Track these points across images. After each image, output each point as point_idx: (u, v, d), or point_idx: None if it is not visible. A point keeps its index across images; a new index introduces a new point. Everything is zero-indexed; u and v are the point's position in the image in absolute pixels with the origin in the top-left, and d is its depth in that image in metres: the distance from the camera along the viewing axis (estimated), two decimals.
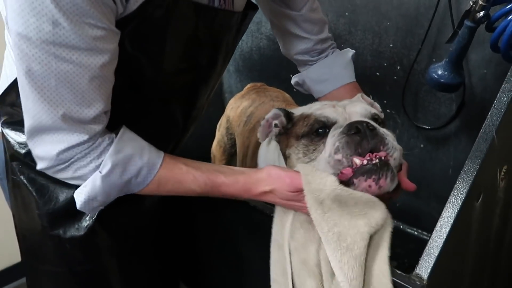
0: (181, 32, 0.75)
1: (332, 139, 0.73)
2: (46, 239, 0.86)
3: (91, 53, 0.64)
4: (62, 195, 0.82)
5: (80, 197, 0.73)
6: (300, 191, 0.72)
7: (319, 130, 0.76)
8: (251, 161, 1.08)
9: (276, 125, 0.85)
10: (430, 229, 1.64)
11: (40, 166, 0.72)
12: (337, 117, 0.77)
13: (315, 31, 1.03)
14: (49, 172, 0.73)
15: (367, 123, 0.72)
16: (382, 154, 0.70)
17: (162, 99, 0.84)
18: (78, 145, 0.69)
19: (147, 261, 1.00)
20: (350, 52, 1.07)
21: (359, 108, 0.79)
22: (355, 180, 0.70)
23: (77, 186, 0.75)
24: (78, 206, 0.74)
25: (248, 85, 1.47)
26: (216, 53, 0.86)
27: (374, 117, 0.79)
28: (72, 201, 0.75)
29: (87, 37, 0.62)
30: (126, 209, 0.84)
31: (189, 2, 0.73)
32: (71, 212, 0.82)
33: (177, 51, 0.78)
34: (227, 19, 0.82)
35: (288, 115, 0.85)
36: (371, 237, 0.68)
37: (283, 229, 0.75)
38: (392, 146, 0.72)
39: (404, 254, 1.67)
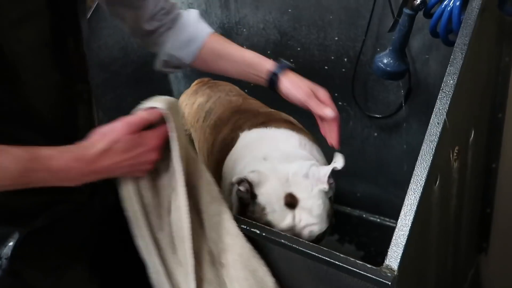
0: None
1: None
2: None
3: None
4: None
5: None
6: (141, 125, 0.67)
7: None
8: (218, 154, 1.09)
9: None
10: (391, 215, 1.68)
11: None
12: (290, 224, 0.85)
13: None
14: None
15: None
16: None
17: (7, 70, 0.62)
18: None
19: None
20: (193, 11, 1.02)
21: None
22: None
23: None
24: None
25: (196, 81, 1.48)
26: None
27: None
28: None
29: None
30: (52, 235, 0.71)
31: None
32: None
33: None
34: None
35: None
36: None
37: (137, 221, 0.76)
38: None
39: (369, 243, 1.70)
